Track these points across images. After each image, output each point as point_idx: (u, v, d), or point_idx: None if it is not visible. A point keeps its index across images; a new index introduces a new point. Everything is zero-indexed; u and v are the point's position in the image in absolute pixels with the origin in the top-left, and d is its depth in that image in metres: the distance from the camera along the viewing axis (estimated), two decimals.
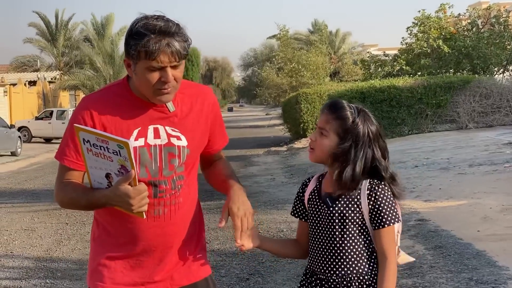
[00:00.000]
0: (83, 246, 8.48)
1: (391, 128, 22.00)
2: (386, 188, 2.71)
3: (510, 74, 28.01)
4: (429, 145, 18.01)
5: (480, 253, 6.83)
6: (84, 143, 2.49)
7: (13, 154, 25.76)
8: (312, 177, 2.91)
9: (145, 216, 2.57)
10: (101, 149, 2.45)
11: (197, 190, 2.86)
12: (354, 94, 22.40)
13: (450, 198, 10.09)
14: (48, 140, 34.40)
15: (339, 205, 2.72)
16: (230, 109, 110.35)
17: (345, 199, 2.71)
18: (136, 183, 2.48)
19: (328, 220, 2.74)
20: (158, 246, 2.71)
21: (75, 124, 2.56)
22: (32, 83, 43.40)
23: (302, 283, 2.86)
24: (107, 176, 2.52)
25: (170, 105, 2.69)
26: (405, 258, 2.92)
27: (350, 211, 2.70)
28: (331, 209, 2.73)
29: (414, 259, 3.11)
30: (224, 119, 3.09)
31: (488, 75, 25.85)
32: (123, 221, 2.68)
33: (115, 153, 2.43)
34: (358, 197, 2.69)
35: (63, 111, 35.29)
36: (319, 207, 2.78)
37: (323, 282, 2.75)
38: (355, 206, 2.70)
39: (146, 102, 2.68)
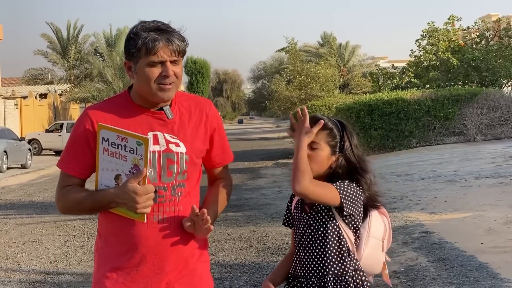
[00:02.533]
0: (89, 258, 8.55)
1: (398, 141, 22.03)
2: (354, 185, 2.91)
3: None
4: (436, 157, 18.01)
5: (482, 265, 6.85)
6: (102, 143, 2.63)
7: (23, 166, 25.91)
8: None
9: (145, 220, 2.66)
10: (118, 147, 2.59)
11: (199, 201, 2.90)
12: (361, 106, 22.44)
13: (455, 210, 10.11)
14: (58, 153, 34.49)
15: (316, 210, 2.94)
16: (241, 121, 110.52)
17: (318, 205, 2.91)
18: (145, 183, 2.59)
19: (306, 225, 2.95)
20: (157, 253, 2.75)
21: (98, 122, 2.69)
22: (43, 95, 43.65)
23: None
24: (116, 177, 2.63)
25: (168, 112, 2.77)
26: (385, 277, 3.16)
27: (324, 213, 2.93)
28: (309, 214, 2.94)
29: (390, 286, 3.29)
30: (234, 131, 3.17)
31: (497, 88, 25.84)
32: (122, 229, 2.74)
33: (132, 151, 2.56)
34: None
35: (73, 124, 35.36)
36: (300, 215, 2.98)
37: (303, 285, 2.93)
38: (328, 208, 2.91)
39: (145, 109, 2.78)
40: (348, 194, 2.86)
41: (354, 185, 2.90)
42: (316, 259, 2.91)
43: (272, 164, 23.90)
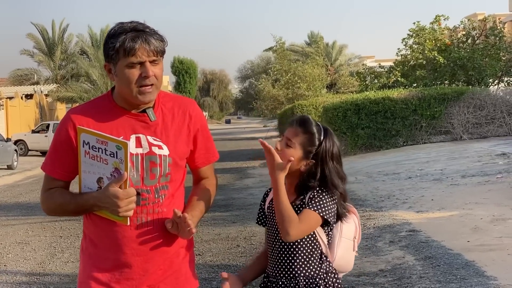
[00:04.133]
0: (76, 259, 8.50)
1: (385, 140, 22.08)
2: (326, 193, 2.89)
3: (504, 85, 28.13)
4: (423, 156, 18.08)
5: (469, 263, 6.89)
6: (83, 146, 2.62)
7: (9, 167, 25.76)
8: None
9: (129, 223, 2.65)
10: (99, 151, 2.58)
11: (183, 202, 2.90)
12: (349, 106, 22.48)
13: (442, 209, 10.15)
14: (44, 154, 34.27)
15: None
16: (228, 121, 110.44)
17: (295, 208, 2.88)
18: (127, 187, 2.58)
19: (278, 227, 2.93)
20: (141, 255, 2.75)
21: (78, 126, 2.68)
22: (29, 96, 43.46)
23: (260, 286, 3.06)
24: (99, 180, 2.63)
25: (151, 114, 2.76)
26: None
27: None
28: None
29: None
30: (222, 131, 3.15)
31: (483, 86, 25.95)
32: (107, 231, 2.74)
33: (112, 155, 2.55)
34: (304, 204, 2.89)
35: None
36: (274, 215, 2.95)
37: (274, 285, 2.95)
38: (302, 212, 2.88)
39: (128, 112, 2.76)
40: (326, 208, 2.85)
41: (326, 194, 2.88)
42: (287, 261, 2.92)
43: (259, 164, 23.88)
